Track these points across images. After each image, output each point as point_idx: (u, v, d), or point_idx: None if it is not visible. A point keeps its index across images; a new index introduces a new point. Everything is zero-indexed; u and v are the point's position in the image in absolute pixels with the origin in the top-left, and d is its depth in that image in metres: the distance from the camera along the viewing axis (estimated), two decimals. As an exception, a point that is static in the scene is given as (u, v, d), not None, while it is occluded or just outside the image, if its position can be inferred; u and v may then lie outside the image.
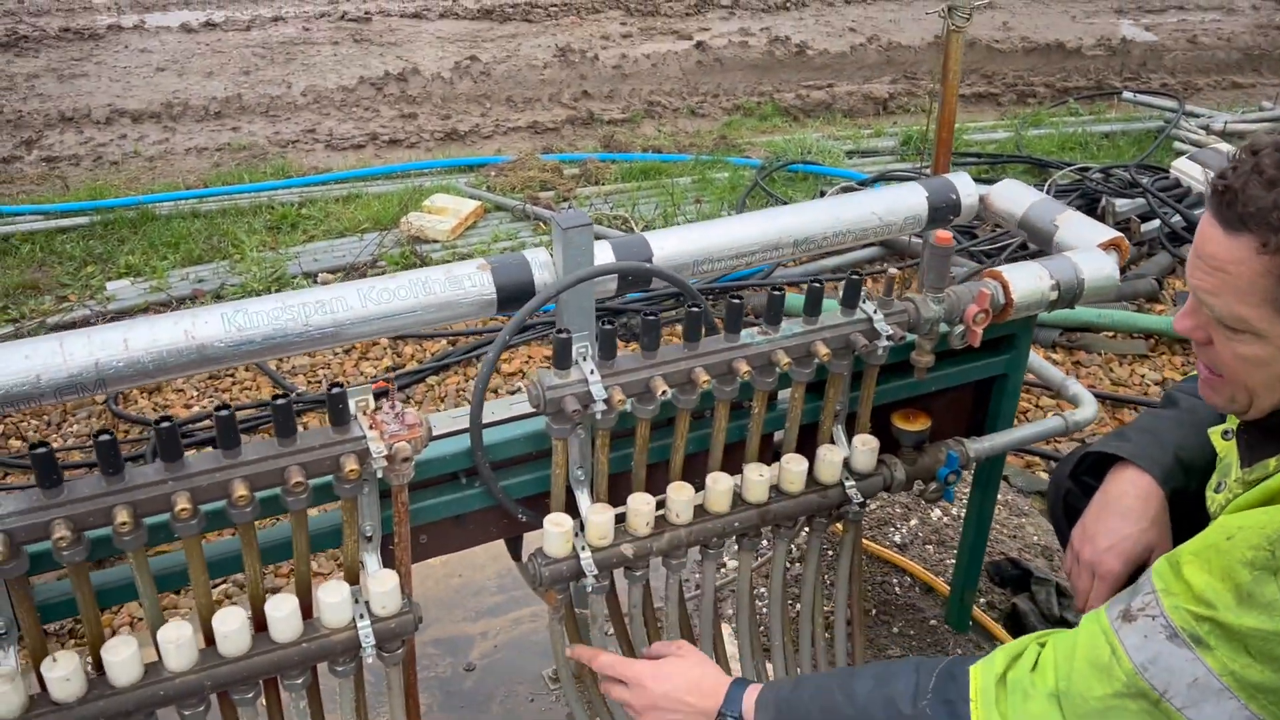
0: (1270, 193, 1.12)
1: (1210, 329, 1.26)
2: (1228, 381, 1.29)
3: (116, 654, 1.34)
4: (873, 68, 8.38)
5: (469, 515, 1.72)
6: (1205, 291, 1.23)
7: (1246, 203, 1.14)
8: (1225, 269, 1.18)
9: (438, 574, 2.71)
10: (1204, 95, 7.85)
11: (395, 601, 1.50)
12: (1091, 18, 9.73)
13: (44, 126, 6.93)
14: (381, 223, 5.29)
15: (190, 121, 7.09)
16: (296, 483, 1.37)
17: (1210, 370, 1.32)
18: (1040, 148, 6.43)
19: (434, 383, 4.01)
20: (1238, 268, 1.16)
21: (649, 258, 1.74)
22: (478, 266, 1.64)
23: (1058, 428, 2.12)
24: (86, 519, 1.29)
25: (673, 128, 7.16)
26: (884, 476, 1.86)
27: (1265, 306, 1.16)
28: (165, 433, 1.30)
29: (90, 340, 1.42)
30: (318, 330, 1.54)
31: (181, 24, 9.02)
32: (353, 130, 6.99)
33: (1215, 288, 1.20)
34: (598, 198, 5.67)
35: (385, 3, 9.75)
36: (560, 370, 1.54)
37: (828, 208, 1.92)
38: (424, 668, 2.43)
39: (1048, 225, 1.99)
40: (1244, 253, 1.15)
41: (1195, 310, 1.29)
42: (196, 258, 4.96)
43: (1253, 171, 1.15)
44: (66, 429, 3.75)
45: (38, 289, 4.67)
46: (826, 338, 1.67)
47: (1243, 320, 1.19)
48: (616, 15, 9.57)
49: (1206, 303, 1.23)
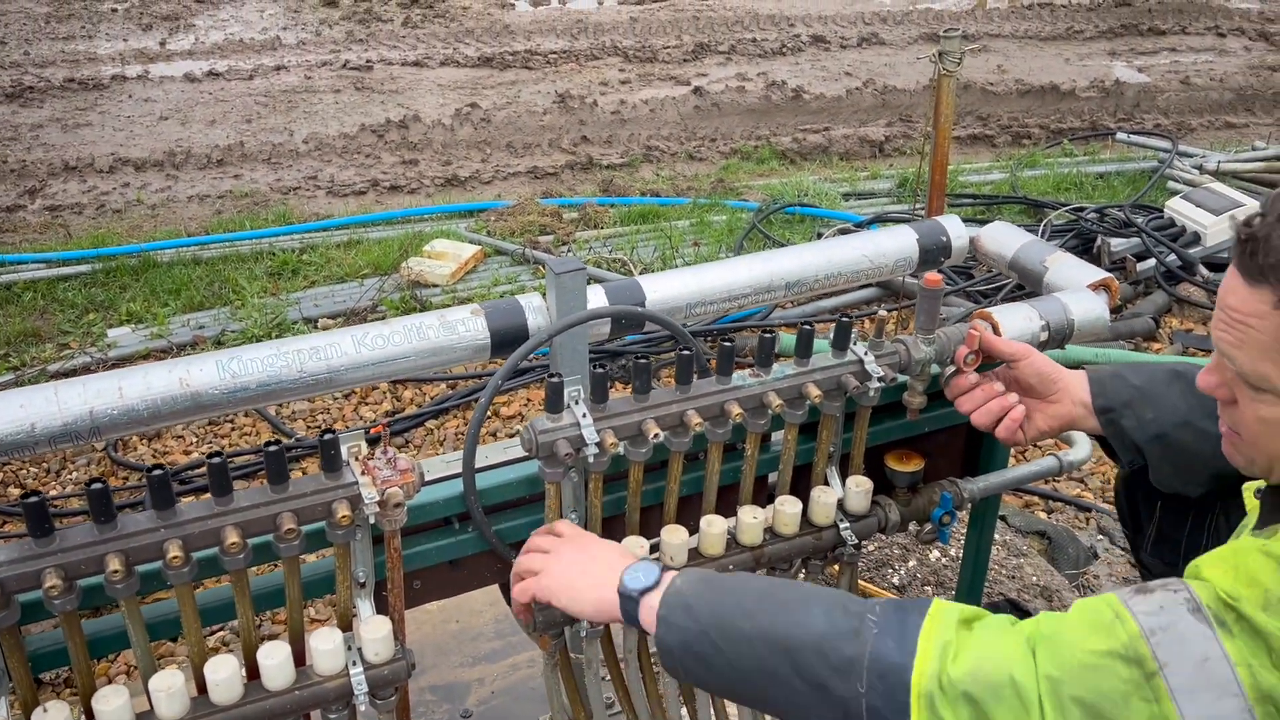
0: None
1: (1235, 387, 1.19)
2: (1247, 443, 1.22)
3: (107, 703, 1.34)
4: (868, 111, 8.47)
5: (463, 560, 1.72)
6: (1228, 345, 1.15)
7: (1269, 252, 1.07)
8: (1248, 322, 1.11)
9: (435, 619, 2.69)
10: (1197, 135, 7.92)
11: (388, 648, 1.49)
12: (1085, 60, 9.84)
13: (48, 175, 7.00)
14: (382, 268, 5.33)
15: (193, 169, 7.16)
16: (289, 529, 1.37)
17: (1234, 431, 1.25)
18: (1035, 188, 6.49)
19: (433, 426, 4.02)
20: (1260, 322, 1.09)
21: (642, 301, 1.75)
22: (471, 312, 1.66)
23: (1052, 467, 2.12)
24: (78, 567, 1.29)
25: (671, 172, 7.22)
26: (878, 518, 1.86)
27: None
28: (157, 480, 1.30)
29: (85, 388, 1.43)
30: (312, 377, 1.55)
31: (185, 73, 9.13)
32: (354, 177, 7.05)
33: (1237, 341, 1.13)
34: (597, 241, 5.71)
35: (387, 51, 9.88)
36: (552, 414, 1.55)
37: (819, 251, 1.93)
38: (421, 714, 2.41)
39: (1037, 266, 2.00)
40: (1265, 306, 1.09)
41: (1220, 366, 1.21)
42: (198, 304, 5.00)
43: (1278, 220, 1.08)
44: (66, 476, 3.76)
45: (39, 336, 4.69)
46: (818, 379, 1.68)
47: (1265, 379, 1.12)
48: (615, 62, 9.70)
49: (1229, 356, 1.16)
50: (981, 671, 1.12)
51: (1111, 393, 1.61)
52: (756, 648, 1.26)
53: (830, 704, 1.20)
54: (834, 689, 1.19)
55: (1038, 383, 1.67)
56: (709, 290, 1.83)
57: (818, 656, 1.21)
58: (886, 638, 1.19)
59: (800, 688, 1.22)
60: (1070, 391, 1.65)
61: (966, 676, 1.13)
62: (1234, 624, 1.05)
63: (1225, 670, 1.03)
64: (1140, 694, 1.06)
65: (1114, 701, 1.06)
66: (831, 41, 10.27)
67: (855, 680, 1.18)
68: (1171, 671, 1.05)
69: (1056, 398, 1.67)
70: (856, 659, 1.18)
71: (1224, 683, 1.03)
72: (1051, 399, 1.67)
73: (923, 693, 1.14)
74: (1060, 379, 1.66)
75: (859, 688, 1.17)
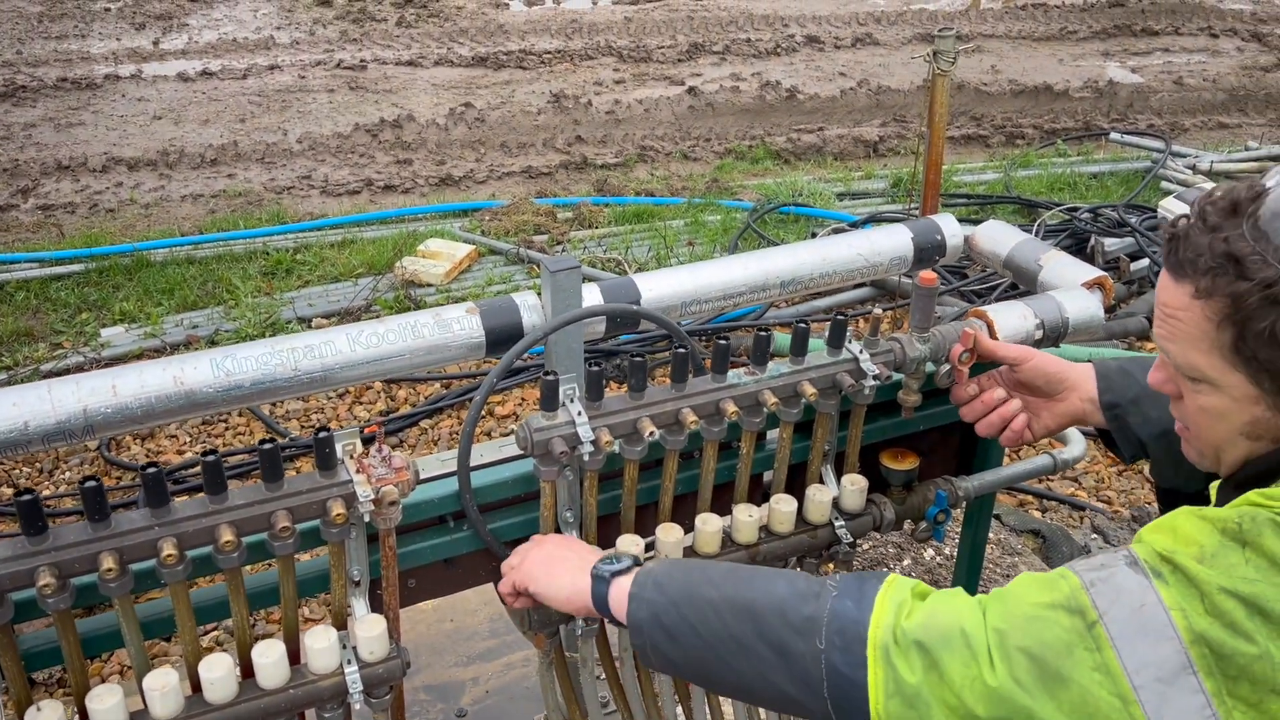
0: (1206, 238, 1.13)
1: (1178, 381, 1.26)
2: (1197, 438, 1.28)
3: (101, 702, 1.33)
4: (863, 111, 8.48)
5: (458, 559, 1.71)
6: (1163, 339, 1.22)
7: (1188, 248, 1.15)
8: (1176, 316, 1.18)
9: (429, 619, 2.69)
10: (1190, 135, 7.94)
11: (383, 647, 1.49)
12: (1078, 60, 9.86)
13: (40, 175, 6.98)
14: (376, 268, 5.32)
15: (186, 169, 7.14)
16: (283, 527, 1.36)
17: (1184, 426, 1.31)
18: (1029, 188, 6.50)
19: (427, 426, 4.02)
20: (1184, 314, 1.17)
21: (637, 300, 1.76)
22: (466, 310, 1.66)
23: (1047, 466, 2.12)
24: (72, 566, 1.29)
25: (665, 171, 7.22)
26: (873, 516, 1.86)
27: (1214, 354, 1.16)
28: (151, 478, 1.30)
29: (78, 387, 1.42)
30: (306, 375, 1.55)
31: (178, 73, 9.11)
32: (348, 176, 7.04)
33: (1170, 335, 1.20)
34: (591, 241, 5.71)
35: (381, 51, 9.87)
36: (548, 412, 1.54)
37: (814, 249, 1.93)
38: (416, 714, 2.41)
39: (1032, 265, 2.01)
40: (1186, 299, 1.16)
41: (1163, 363, 1.29)
42: (191, 304, 4.99)
43: (1198, 218, 1.16)
44: (59, 476, 3.74)
45: (32, 336, 4.68)
46: (813, 378, 1.68)
47: (1197, 369, 1.19)
48: (609, 62, 9.69)
49: (1166, 351, 1.23)
50: (933, 623, 1.18)
51: (1119, 389, 1.63)
52: (722, 614, 1.30)
53: (791, 668, 1.24)
54: (794, 649, 1.24)
55: (1044, 384, 1.68)
56: (704, 288, 1.83)
57: (779, 618, 1.26)
58: (845, 599, 1.25)
59: (764, 652, 1.26)
60: (1078, 389, 1.66)
61: (919, 628, 1.18)
62: (1169, 575, 1.10)
63: (1160, 614, 1.08)
64: (1083, 644, 1.10)
65: (1057, 651, 1.10)
66: (826, 42, 10.28)
67: (815, 637, 1.23)
68: (1111, 619, 1.09)
69: (1063, 396, 1.68)
70: (816, 617, 1.24)
71: (1160, 627, 1.07)
72: (1059, 397, 1.68)
73: (878, 644, 1.20)
74: (1068, 377, 1.67)
75: (818, 644, 1.23)
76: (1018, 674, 1.11)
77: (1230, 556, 1.08)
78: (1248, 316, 1.11)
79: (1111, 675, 1.08)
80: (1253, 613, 1.04)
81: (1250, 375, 1.15)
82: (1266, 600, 1.04)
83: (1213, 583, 1.07)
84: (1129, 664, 1.07)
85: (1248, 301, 1.10)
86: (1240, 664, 1.04)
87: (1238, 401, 1.18)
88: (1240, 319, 1.11)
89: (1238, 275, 1.10)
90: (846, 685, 1.20)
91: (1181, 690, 1.05)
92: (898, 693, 1.17)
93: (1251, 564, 1.06)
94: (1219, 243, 1.12)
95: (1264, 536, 1.06)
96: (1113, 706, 1.07)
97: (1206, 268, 1.13)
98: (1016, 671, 1.11)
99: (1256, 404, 1.17)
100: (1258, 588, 1.05)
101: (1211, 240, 1.13)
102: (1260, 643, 1.03)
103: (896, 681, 1.17)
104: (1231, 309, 1.12)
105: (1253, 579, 1.05)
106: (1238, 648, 1.04)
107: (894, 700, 1.17)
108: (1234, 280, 1.11)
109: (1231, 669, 1.04)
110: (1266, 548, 1.06)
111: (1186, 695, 1.05)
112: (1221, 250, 1.12)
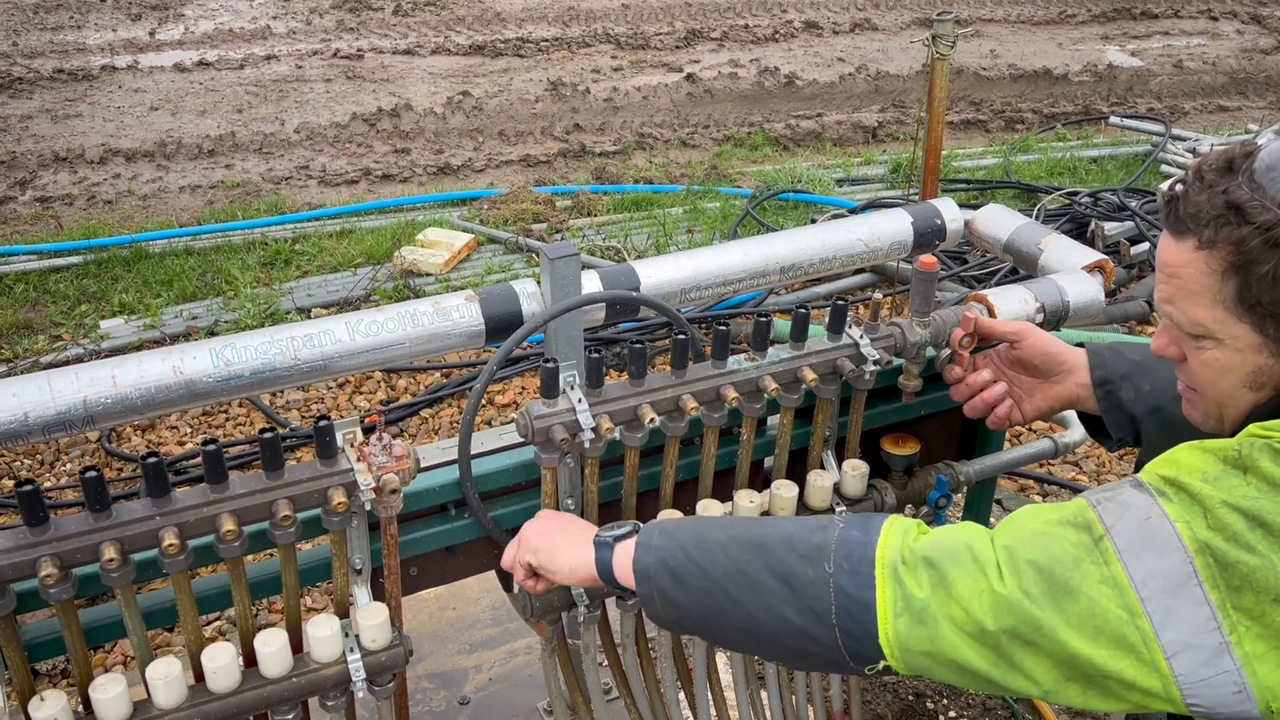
0: (1205, 194, 1.17)
1: (1181, 343, 1.28)
2: (1201, 396, 1.31)
3: (104, 692, 1.34)
4: (861, 97, 8.45)
5: (459, 547, 1.71)
6: (1164, 301, 1.25)
7: (1187, 205, 1.18)
8: (1178, 274, 1.21)
9: (431, 607, 2.69)
10: (1190, 119, 7.92)
11: (385, 635, 1.49)
12: (1078, 44, 9.83)
13: (38, 167, 6.97)
14: (375, 257, 5.31)
15: (184, 160, 7.13)
16: (284, 516, 1.36)
17: (1189, 387, 1.34)
18: (1029, 173, 6.48)
19: (428, 415, 4.02)
20: (1186, 270, 1.19)
21: (636, 286, 1.75)
22: (465, 298, 1.65)
23: (1048, 450, 2.12)
24: (74, 556, 1.29)
25: (664, 159, 7.21)
26: (874, 501, 1.86)
27: (1217, 307, 1.18)
28: (152, 468, 1.30)
29: (78, 377, 1.42)
30: (306, 364, 1.55)
31: (175, 63, 9.08)
32: (346, 166, 7.03)
33: (1171, 295, 1.23)
34: (590, 229, 5.70)
35: (378, 40, 9.83)
36: (548, 399, 1.54)
37: (814, 235, 1.93)
38: (418, 702, 2.42)
39: (1032, 249, 2.00)
40: (1189, 254, 1.19)
41: (1166, 327, 1.31)
42: (190, 295, 4.98)
43: (1195, 177, 1.20)
44: (60, 468, 3.75)
45: (31, 328, 4.68)
46: (813, 363, 1.68)
47: (1200, 324, 1.21)
48: (607, 49, 9.66)
49: (1168, 313, 1.25)
50: (941, 542, 1.22)
51: (1110, 365, 1.64)
52: (730, 550, 1.32)
53: (799, 597, 1.25)
54: (802, 575, 1.25)
55: (1042, 362, 1.68)
56: (704, 275, 1.83)
57: (787, 549, 1.28)
58: (852, 529, 1.28)
59: (771, 584, 1.27)
60: (1075, 373, 1.67)
61: (927, 546, 1.22)
62: (1174, 493, 1.13)
63: (1166, 526, 1.11)
64: (1090, 557, 1.13)
65: (1065, 565, 1.13)
66: (824, 27, 10.24)
67: (823, 562, 1.25)
68: (1117, 532, 1.12)
69: (1060, 379, 1.68)
70: (824, 545, 1.27)
71: (1165, 538, 1.10)
72: (1055, 379, 1.69)
73: (887, 563, 1.22)
74: (1066, 360, 1.68)
75: (826, 568, 1.25)
76: (1026, 586, 1.13)
77: (1231, 479, 1.11)
78: (1251, 260, 1.13)
79: (1119, 587, 1.10)
80: (1254, 525, 1.07)
81: (1254, 323, 1.17)
82: (1267, 514, 1.07)
83: (1215, 498, 1.10)
84: (1136, 576, 1.10)
85: (1250, 245, 1.13)
86: (1243, 573, 1.06)
87: (1241, 353, 1.20)
88: (1243, 264, 1.14)
89: (1240, 221, 1.13)
90: (855, 608, 1.22)
91: (1187, 602, 1.08)
92: (906, 610, 1.19)
93: (1253, 485, 1.09)
94: (1218, 195, 1.15)
95: (1262, 460, 1.09)
96: (1120, 619, 1.10)
97: (1208, 219, 1.16)
98: (1025, 583, 1.14)
99: (1260, 353, 1.19)
100: (1259, 503, 1.07)
101: (1210, 195, 1.16)
102: (1263, 553, 1.06)
103: (905, 598, 1.19)
104: (1235, 255, 1.14)
105: (1254, 496, 1.08)
106: (1240, 558, 1.06)
107: (902, 619, 1.19)
108: (1236, 227, 1.14)
109: (1235, 579, 1.06)
110: (1265, 470, 1.09)
111: (1192, 607, 1.07)
112: (1221, 201, 1.15)
